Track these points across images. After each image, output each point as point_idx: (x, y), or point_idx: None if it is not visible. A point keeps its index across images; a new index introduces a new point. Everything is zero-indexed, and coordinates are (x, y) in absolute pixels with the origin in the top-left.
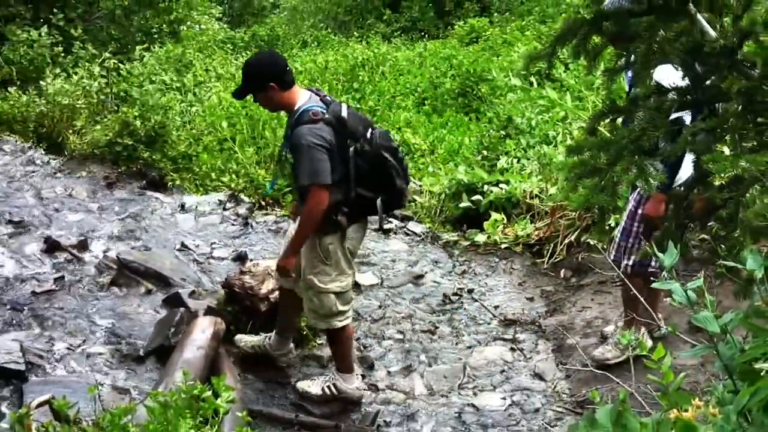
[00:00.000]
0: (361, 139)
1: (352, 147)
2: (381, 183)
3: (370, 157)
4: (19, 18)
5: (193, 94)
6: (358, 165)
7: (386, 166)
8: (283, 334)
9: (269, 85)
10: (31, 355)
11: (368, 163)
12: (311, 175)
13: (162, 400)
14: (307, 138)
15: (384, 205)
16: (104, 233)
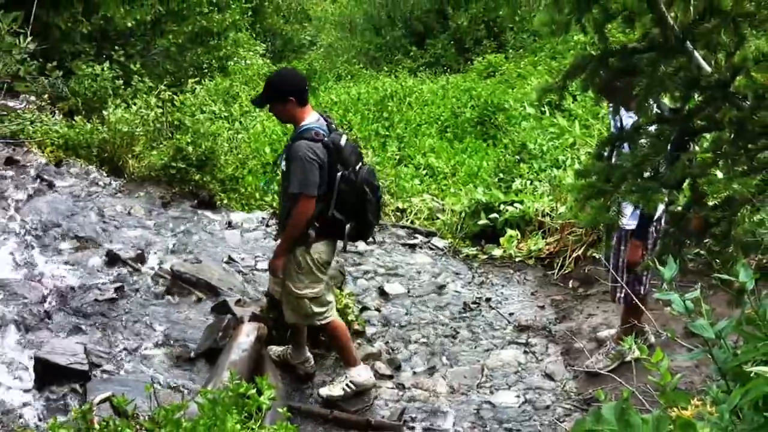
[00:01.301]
0: (350, 168)
1: (340, 172)
2: (354, 211)
3: (353, 186)
4: (84, 54)
5: (239, 122)
6: (341, 190)
7: (364, 198)
8: (297, 344)
9: (289, 99)
10: (93, 356)
11: (350, 191)
12: (302, 185)
13: (211, 398)
14: (304, 151)
15: (351, 231)
16: (160, 247)
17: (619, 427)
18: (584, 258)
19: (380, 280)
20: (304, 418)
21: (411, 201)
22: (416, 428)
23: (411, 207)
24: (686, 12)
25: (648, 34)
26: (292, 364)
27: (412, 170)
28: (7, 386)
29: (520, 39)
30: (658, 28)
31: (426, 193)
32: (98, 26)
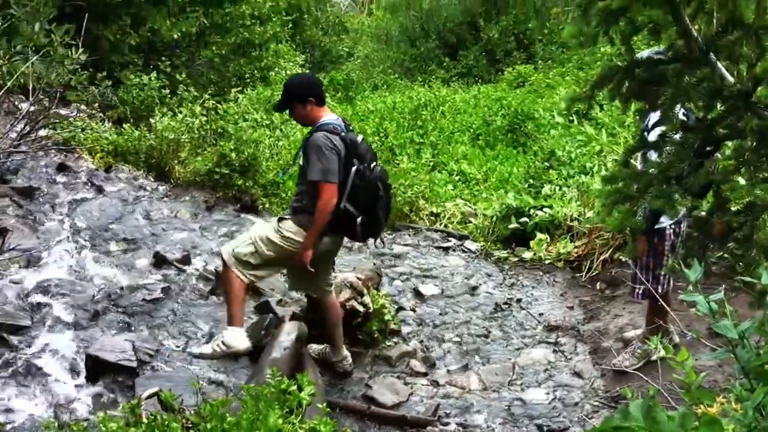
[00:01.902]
0: (365, 164)
1: (356, 167)
2: (366, 206)
3: (367, 181)
4: (132, 65)
5: (279, 130)
6: (355, 183)
7: (377, 194)
8: (334, 342)
9: (309, 100)
10: (141, 353)
11: (363, 185)
12: (323, 173)
13: (254, 393)
14: (323, 141)
15: (362, 226)
16: (205, 249)
17: (646, 424)
18: (611, 261)
19: (415, 282)
20: (342, 414)
21: (444, 206)
22: (450, 424)
23: (445, 211)
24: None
25: (673, 46)
26: (331, 362)
27: (446, 176)
28: (59, 381)
29: (549, 50)
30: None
31: (459, 198)
32: (146, 38)
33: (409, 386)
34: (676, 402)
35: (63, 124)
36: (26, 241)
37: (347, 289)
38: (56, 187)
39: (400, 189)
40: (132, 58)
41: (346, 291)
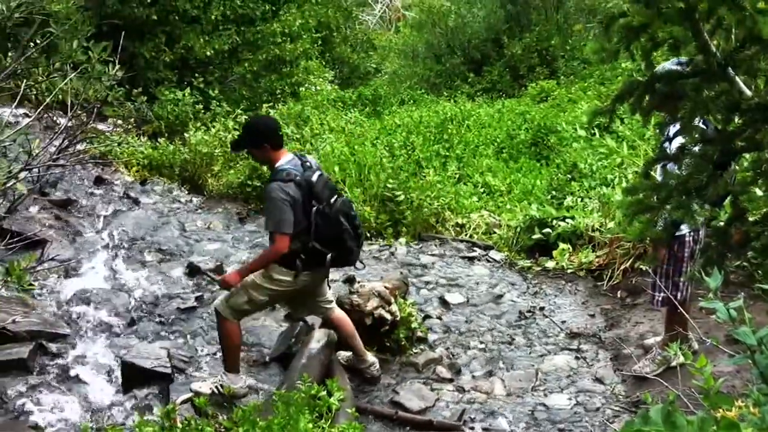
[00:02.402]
0: (324, 203)
1: (315, 207)
2: (334, 241)
3: (329, 219)
4: (167, 81)
5: (310, 144)
6: (318, 223)
7: (341, 228)
8: (355, 351)
9: (263, 145)
10: (176, 360)
11: (326, 223)
12: (276, 224)
13: (285, 399)
14: (276, 193)
15: (333, 260)
16: (237, 259)
17: (666, 428)
18: (632, 270)
19: (441, 291)
20: (370, 418)
21: (470, 217)
22: (475, 428)
23: (470, 222)
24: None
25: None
26: (359, 368)
27: (471, 188)
28: (96, 387)
29: (571, 66)
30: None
31: (484, 210)
32: (180, 55)
33: (436, 392)
34: (695, 407)
35: (100, 139)
36: (64, 251)
37: (375, 298)
38: (93, 199)
39: (427, 200)
40: (167, 74)
41: (374, 300)
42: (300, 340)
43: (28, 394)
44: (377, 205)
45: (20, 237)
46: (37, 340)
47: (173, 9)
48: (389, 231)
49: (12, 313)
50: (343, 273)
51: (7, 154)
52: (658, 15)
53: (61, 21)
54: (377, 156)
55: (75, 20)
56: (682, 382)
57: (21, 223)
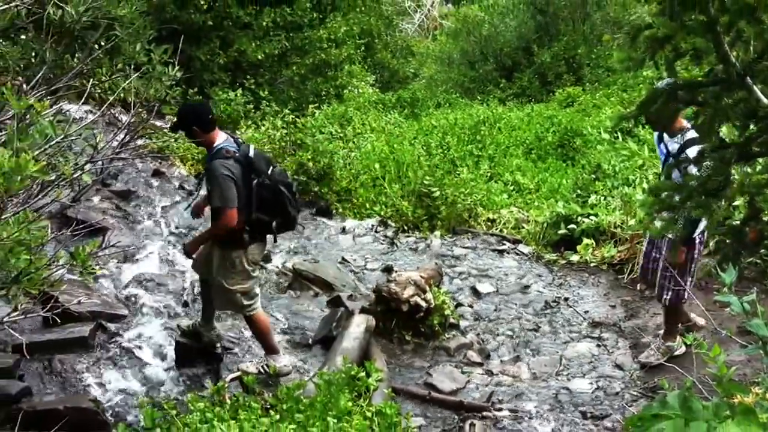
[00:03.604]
0: (263, 174)
1: (255, 180)
2: (276, 210)
3: (270, 189)
4: (220, 82)
5: (352, 142)
6: (259, 195)
7: (282, 197)
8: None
9: (193, 128)
10: (226, 341)
11: (268, 194)
12: (222, 199)
13: (326, 378)
14: (220, 170)
15: (278, 226)
16: (284, 249)
17: (682, 412)
18: None
19: (473, 281)
20: (405, 398)
21: (500, 212)
22: (503, 409)
23: (500, 218)
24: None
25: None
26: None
27: (501, 186)
28: (152, 364)
29: (596, 74)
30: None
31: (513, 206)
32: (233, 58)
33: (466, 374)
34: (709, 393)
35: (158, 135)
36: (124, 238)
37: (411, 287)
38: (151, 190)
39: (460, 197)
40: (221, 76)
41: (411, 288)
42: (341, 324)
43: (88, 370)
44: (414, 200)
45: (84, 224)
46: (98, 320)
47: (227, 15)
48: (425, 224)
49: (76, 295)
50: (382, 263)
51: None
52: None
53: (125, 25)
54: (415, 155)
55: (138, 25)
56: (698, 369)
57: (85, 211)
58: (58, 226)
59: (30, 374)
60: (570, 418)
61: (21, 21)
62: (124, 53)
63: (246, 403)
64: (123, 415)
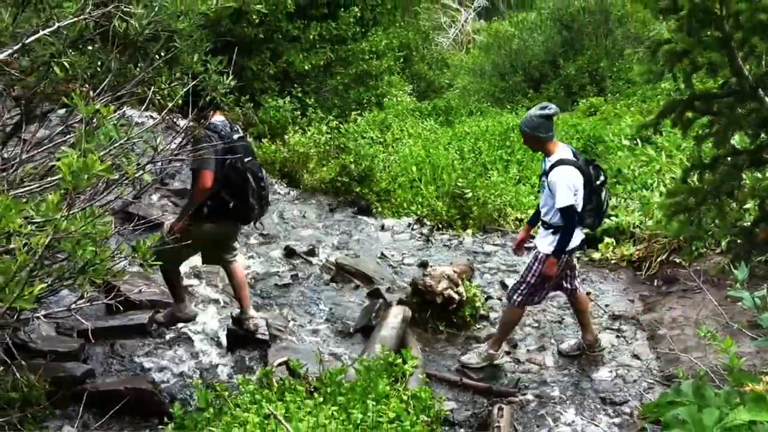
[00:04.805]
0: (237, 159)
1: (230, 161)
2: (238, 193)
3: (238, 172)
4: (270, 90)
5: (391, 147)
6: (228, 174)
7: (247, 183)
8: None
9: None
10: (273, 329)
11: (235, 175)
12: (199, 162)
13: (366, 364)
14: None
15: (235, 212)
16: (327, 244)
17: (696, 399)
18: (667, 262)
19: (502, 275)
20: (438, 383)
21: (528, 213)
22: (528, 395)
23: (527, 217)
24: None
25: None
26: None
27: (529, 188)
28: (205, 350)
29: (617, 85)
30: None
31: None
32: (282, 69)
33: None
34: (720, 382)
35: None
36: None
37: (445, 280)
38: None
39: (491, 198)
40: (270, 84)
41: (444, 281)
42: (379, 314)
43: (147, 354)
44: (448, 200)
45: (144, 220)
46: (156, 308)
47: (277, 29)
48: (458, 223)
49: (136, 285)
50: (418, 258)
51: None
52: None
53: (184, 37)
54: (449, 158)
55: (195, 37)
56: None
57: (145, 208)
58: (121, 221)
59: (94, 357)
60: (591, 404)
61: (89, 33)
62: (182, 63)
63: (292, 386)
64: (178, 396)
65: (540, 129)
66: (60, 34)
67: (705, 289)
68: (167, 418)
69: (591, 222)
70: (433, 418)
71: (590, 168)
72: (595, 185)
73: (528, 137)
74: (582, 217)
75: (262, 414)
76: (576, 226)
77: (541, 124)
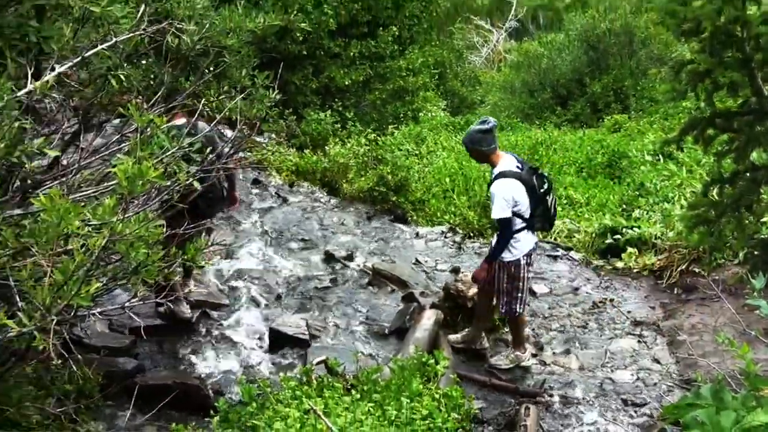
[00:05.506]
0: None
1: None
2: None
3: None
4: (312, 104)
5: (426, 159)
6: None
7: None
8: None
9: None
10: (312, 329)
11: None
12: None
13: (400, 364)
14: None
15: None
16: (364, 250)
17: (715, 402)
18: (687, 271)
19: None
20: (468, 383)
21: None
22: (554, 395)
23: (554, 227)
24: None
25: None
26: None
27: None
28: (249, 348)
29: (641, 103)
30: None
31: (566, 218)
32: (323, 84)
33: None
34: (737, 387)
35: (258, 149)
36: (226, 237)
37: (475, 286)
38: (251, 196)
39: None
40: (312, 98)
41: (475, 287)
42: (413, 317)
43: (194, 351)
44: (479, 210)
45: (193, 225)
46: (203, 308)
47: (320, 46)
48: (489, 232)
49: (185, 285)
50: (450, 264)
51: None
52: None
53: (233, 53)
54: (480, 170)
55: (243, 53)
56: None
57: None
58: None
59: (144, 353)
60: (613, 405)
61: (144, 48)
62: (230, 77)
63: (330, 383)
64: (223, 391)
65: (482, 143)
66: (117, 49)
67: (723, 297)
68: (212, 411)
69: (541, 226)
70: (463, 416)
71: (534, 177)
72: (540, 193)
73: (472, 152)
74: (532, 223)
75: (302, 409)
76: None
77: (482, 138)
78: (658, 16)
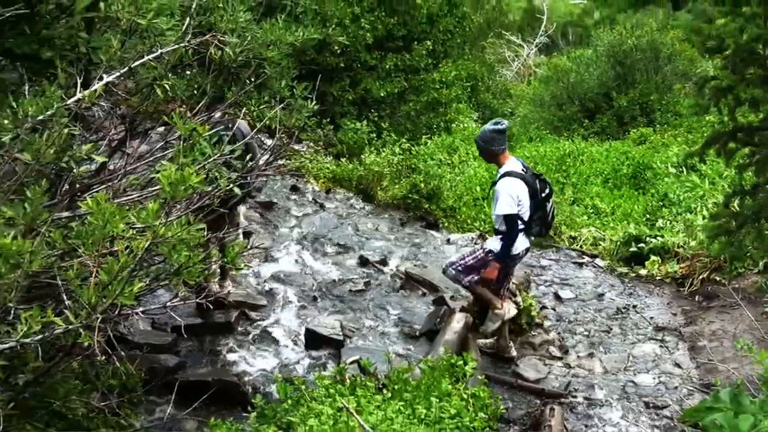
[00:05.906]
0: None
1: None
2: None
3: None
4: (349, 114)
5: (458, 168)
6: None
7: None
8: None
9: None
10: (347, 330)
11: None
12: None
13: (430, 365)
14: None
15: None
16: (397, 255)
17: (733, 406)
18: (708, 279)
19: (556, 288)
20: (495, 384)
21: (581, 231)
22: (578, 397)
23: (580, 236)
24: None
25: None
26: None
27: (582, 209)
28: (285, 347)
29: (665, 117)
30: None
31: (592, 226)
32: (360, 95)
33: (548, 366)
34: (755, 391)
35: (296, 157)
36: (265, 241)
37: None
38: (289, 203)
39: None
40: (349, 109)
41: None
42: (443, 320)
43: (232, 350)
44: None
45: (234, 229)
46: (242, 308)
47: (356, 59)
48: None
49: (225, 286)
50: None
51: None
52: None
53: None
54: None
55: (283, 65)
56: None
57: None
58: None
59: (184, 351)
60: (635, 407)
61: (188, 59)
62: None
63: (363, 382)
64: (260, 388)
65: (493, 143)
66: (162, 60)
67: (743, 305)
68: (250, 407)
69: (537, 230)
70: (490, 416)
71: (537, 181)
72: (541, 197)
73: (482, 150)
74: (529, 226)
75: (335, 407)
76: (518, 234)
77: (494, 138)
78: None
